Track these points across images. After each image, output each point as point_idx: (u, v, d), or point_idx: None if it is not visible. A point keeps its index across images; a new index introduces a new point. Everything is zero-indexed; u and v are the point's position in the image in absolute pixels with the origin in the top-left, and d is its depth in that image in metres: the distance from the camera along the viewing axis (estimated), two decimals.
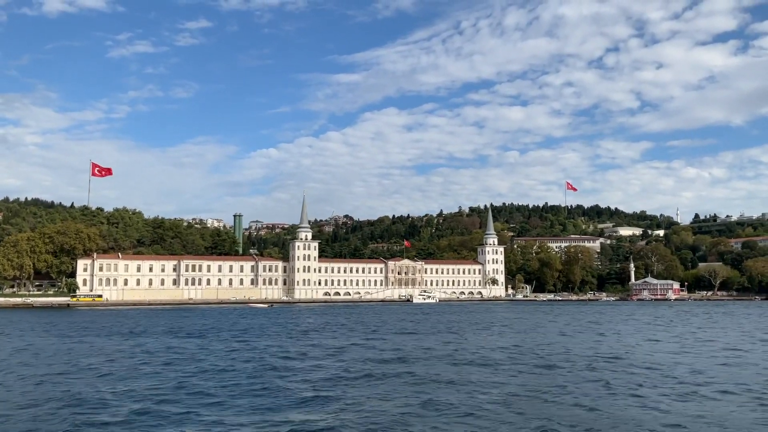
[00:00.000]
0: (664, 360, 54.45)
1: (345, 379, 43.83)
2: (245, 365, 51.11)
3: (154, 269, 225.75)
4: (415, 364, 51.32)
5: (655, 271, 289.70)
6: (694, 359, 55.24)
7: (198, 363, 52.73)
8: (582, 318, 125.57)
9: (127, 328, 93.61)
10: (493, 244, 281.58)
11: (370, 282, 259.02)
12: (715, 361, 54.09)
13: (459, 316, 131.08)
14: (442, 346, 67.58)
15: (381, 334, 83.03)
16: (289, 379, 44.04)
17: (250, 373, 46.76)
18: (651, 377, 44.69)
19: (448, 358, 55.71)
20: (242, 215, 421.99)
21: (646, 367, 49.58)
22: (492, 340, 74.94)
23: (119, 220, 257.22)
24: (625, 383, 41.81)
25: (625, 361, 53.58)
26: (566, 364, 52.12)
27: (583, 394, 37.79)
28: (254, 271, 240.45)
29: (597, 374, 45.92)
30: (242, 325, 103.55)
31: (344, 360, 54.68)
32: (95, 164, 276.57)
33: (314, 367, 49.77)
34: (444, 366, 50.43)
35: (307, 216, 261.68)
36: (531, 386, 40.74)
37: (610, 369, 48.58)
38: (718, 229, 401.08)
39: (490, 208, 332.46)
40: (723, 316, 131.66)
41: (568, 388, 39.89)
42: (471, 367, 50.09)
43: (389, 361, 53.73)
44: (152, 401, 36.07)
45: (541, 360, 54.65)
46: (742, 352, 61.27)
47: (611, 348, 65.47)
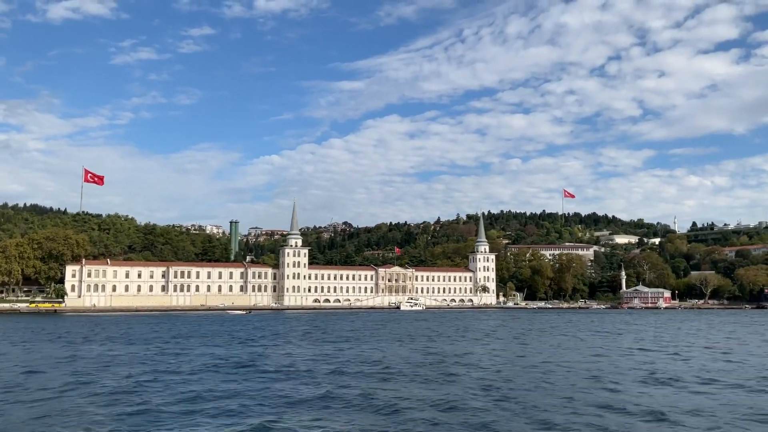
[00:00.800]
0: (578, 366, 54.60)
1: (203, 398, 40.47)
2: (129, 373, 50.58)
3: (142, 275, 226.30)
4: (306, 376, 49.63)
5: (647, 280, 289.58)
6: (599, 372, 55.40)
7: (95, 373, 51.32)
8: (555, 326, 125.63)
9: (83, 335, 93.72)
10: (485, 251, 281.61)
11: (361, 289, 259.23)
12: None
13: (433, 324, 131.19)
14: (367, 354, 67.29)
15: (326, 341, 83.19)
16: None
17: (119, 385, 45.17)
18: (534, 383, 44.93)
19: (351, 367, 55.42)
20: (238, 222, 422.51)
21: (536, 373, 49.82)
22: (423, 348, 74.72)
23: (111, 227, 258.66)
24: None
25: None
26: (463, 371, 52.27)
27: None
28: (243, 278, 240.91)
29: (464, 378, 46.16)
30: (203, 331, 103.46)
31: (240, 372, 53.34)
32: (87, 170, 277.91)
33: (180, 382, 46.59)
34: (329, 377, 48.89)
35: (297, 223, 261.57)
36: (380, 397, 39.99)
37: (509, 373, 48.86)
38: (714, 237, 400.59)
39: (482, 216, 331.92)
40: (699, 326, 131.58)
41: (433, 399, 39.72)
42: (357, 377, 49.59)
43: (280, 372, 51.94)
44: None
45: (437, 369, 54.43)
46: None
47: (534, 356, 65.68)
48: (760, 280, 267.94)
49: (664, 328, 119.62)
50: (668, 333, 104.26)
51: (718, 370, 52.98)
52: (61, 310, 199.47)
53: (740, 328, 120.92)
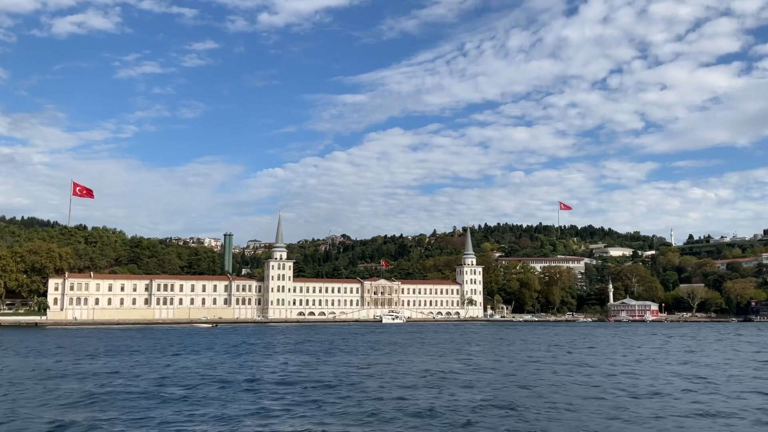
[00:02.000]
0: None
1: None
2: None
3: (125, 288, 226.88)
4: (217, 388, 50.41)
5: (635, 293, 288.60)
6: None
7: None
8: (524, 339, 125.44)
9: (45, 347, 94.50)
10: (471, 264, 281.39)
11: (347, 302, 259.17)
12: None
13: (397, 337, 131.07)
14: (301, 364, 67.97)
15: (271, 354, 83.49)
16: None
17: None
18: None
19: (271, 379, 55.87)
20: (232, 234, 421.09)
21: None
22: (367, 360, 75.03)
23: (98, 240, 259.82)
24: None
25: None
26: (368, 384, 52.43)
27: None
28: (228, 291, 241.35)
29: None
30: (161, 345, 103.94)
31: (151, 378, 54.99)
32: (76, 184, 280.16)
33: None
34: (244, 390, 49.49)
35: (282, 236, 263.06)
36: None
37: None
38: (709, 250, 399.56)
39: (469, 229, 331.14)
40: (672, 339, 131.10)
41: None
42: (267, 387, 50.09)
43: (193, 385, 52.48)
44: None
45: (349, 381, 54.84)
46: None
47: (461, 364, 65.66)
48: (747, 293, 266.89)
49: (627, 345, 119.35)
50: (623, 352, 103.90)
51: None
52: (42, 323, 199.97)
53: (695, 343, 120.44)
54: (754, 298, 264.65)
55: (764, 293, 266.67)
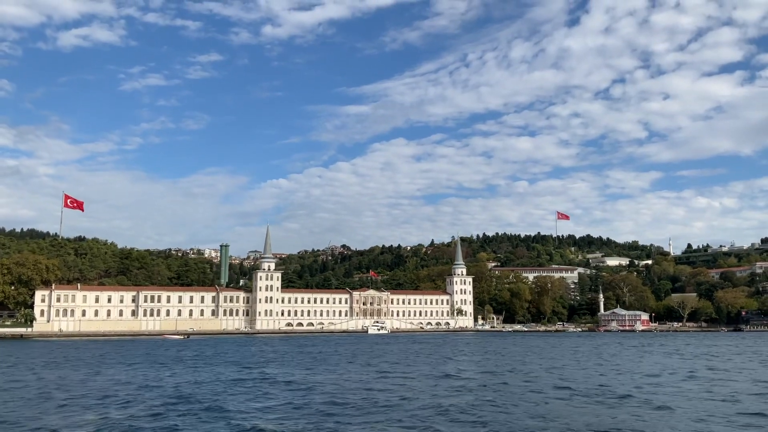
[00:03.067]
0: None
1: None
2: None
3: (112, 300, 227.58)
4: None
5: (627, 302, 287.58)
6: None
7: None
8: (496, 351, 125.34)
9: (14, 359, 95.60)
10: (462, 274, 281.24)
11: (335, 312, 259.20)
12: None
13: (366, 347, 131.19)
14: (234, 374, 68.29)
15: (213, 365, 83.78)
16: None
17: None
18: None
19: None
20: (229, 245, 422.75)
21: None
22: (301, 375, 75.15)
23: (87, 251, 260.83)
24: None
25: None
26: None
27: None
28: (215, 302, 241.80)
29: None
30: (114, 356, 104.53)
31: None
32: (68, 196, 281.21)
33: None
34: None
35: (270, 247, 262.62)
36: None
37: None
38: (705, 259, 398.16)
39: (459, 239, 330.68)
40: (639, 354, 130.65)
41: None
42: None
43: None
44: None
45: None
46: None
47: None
48: (738, 302, 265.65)
49: (601, 356, 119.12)
50: (588, 363, 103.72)
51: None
52: (28, 335, 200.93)
53: (663, 356, 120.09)
54: (744, 308, 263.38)
55: (756, 302, 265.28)
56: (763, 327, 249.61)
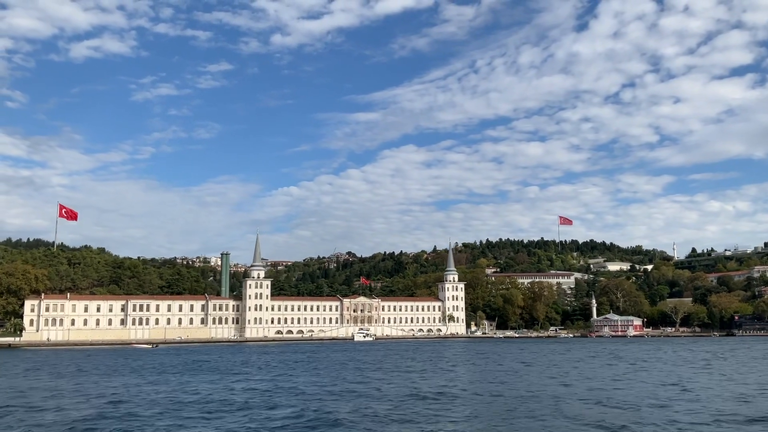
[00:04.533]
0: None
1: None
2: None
3: (101, 309, 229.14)
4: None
5: (621, 308, 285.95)
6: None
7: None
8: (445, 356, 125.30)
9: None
10: (453, 280, 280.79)
11: (326, 320, 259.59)
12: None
13: (337, 356, 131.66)
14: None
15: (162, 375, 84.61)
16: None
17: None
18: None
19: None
20: (229, 253, 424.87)
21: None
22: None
23: (81, 261, 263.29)
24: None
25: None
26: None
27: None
28: (204, 311, 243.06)
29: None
30: (76, 365, 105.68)
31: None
32: (62, 206, 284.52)
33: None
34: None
35: (260, 256, 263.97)
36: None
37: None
38: (707, 263, 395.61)
39: (450, 246, 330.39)
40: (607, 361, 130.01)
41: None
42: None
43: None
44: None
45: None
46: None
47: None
48: (732, 306, 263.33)
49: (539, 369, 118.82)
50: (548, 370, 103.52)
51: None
52: (16, 344, 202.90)
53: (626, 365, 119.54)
54: (738, 312, 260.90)
55: (750, 307, 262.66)
56: (755, 331, 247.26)
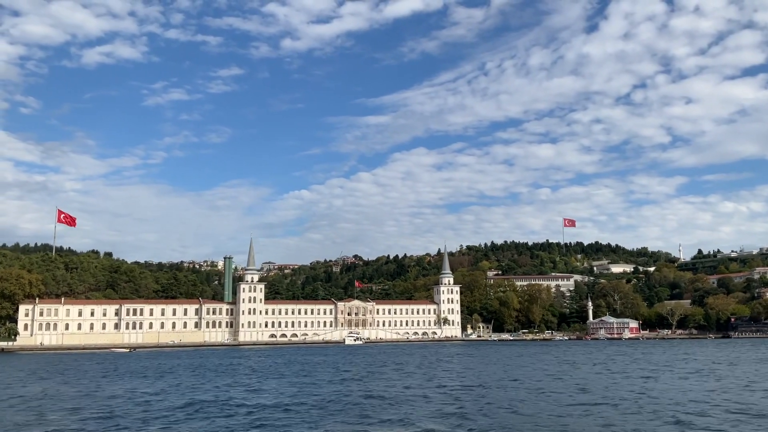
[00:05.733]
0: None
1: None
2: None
3: (95, 313, 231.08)
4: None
5: (618, 310, 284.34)
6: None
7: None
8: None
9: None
10: (448, 283, 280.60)
11: (320, 323, 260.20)
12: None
13: (321, 358, 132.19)
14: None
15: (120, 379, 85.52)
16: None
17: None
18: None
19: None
20: (232, 257, 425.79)
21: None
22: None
23: (78, 266, 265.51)
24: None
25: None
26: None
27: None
28: (198, 314, 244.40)
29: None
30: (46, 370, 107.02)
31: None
32: (61, 211, 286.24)
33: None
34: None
35: (254, 260, 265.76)
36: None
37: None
38: (712, 265, 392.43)
39: (446, 249, 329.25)
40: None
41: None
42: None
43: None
44: None
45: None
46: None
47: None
48: (729, 308, 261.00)
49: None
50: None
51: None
52: (10, 349, 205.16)
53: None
54: (735, 314, 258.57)
55: (747, 309, 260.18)
56: (751, 333, 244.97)
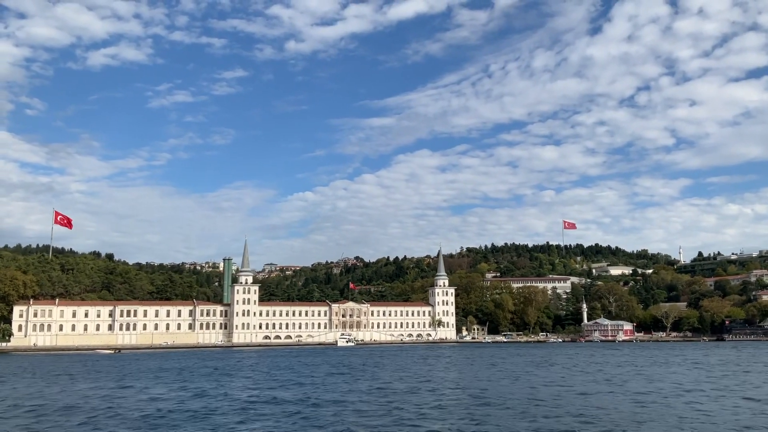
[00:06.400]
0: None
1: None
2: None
3: (89, 315, 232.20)
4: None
5: (613, 312, 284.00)
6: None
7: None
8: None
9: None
10: (443, 285, 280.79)
11: (315, 325, 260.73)
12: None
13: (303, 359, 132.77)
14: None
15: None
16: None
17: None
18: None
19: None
20: (231, 258, 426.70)
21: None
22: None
23: (74, 267, 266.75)
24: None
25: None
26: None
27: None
28: (192, 316, 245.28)
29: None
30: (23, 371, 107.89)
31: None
32: (58, 213, 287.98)
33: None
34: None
35: (248, 261, 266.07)
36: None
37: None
38: (710, 267, 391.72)
39: (440, 251, 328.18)
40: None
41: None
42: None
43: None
44: None
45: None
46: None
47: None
48: (724, 311, 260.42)
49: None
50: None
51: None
52: (3, 350, 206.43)
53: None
54: (730, 317, 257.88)
55: (742, 311, 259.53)
56: (745, 336, 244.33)
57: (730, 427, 44.04)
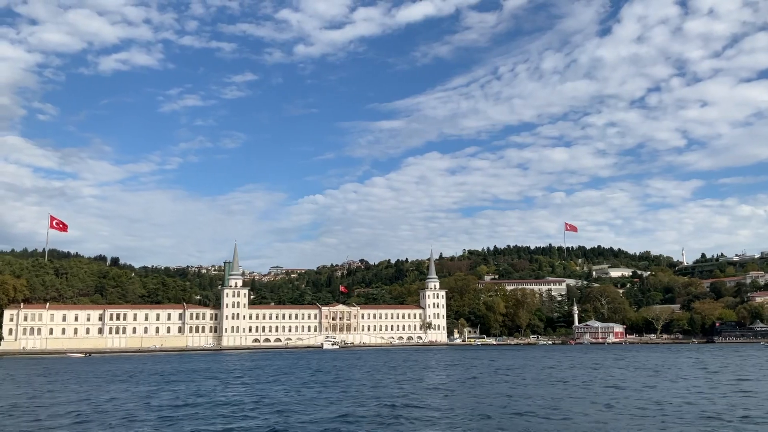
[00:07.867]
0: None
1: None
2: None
3: (79, 318, 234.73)
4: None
5: (605, 314, 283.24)
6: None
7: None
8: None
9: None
10: (434, 288, 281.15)
11: (305, 328, 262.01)
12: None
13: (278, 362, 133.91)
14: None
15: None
16: None
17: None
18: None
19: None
20: (230, 262, 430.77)
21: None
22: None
23: (68, 271, 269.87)
24: None
25: None
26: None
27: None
28: (181, 319, 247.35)
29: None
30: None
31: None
32: (53, 217, 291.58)
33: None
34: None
35: (238, 264, 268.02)
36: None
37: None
38: (710, 268, 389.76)
39: (432, 254, 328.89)
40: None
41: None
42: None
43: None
44: None
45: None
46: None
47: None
48: (715, 313, 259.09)
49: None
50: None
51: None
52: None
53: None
54: (721, 318, 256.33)
55: (733, 313, 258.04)
56: (735, 338, 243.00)
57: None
